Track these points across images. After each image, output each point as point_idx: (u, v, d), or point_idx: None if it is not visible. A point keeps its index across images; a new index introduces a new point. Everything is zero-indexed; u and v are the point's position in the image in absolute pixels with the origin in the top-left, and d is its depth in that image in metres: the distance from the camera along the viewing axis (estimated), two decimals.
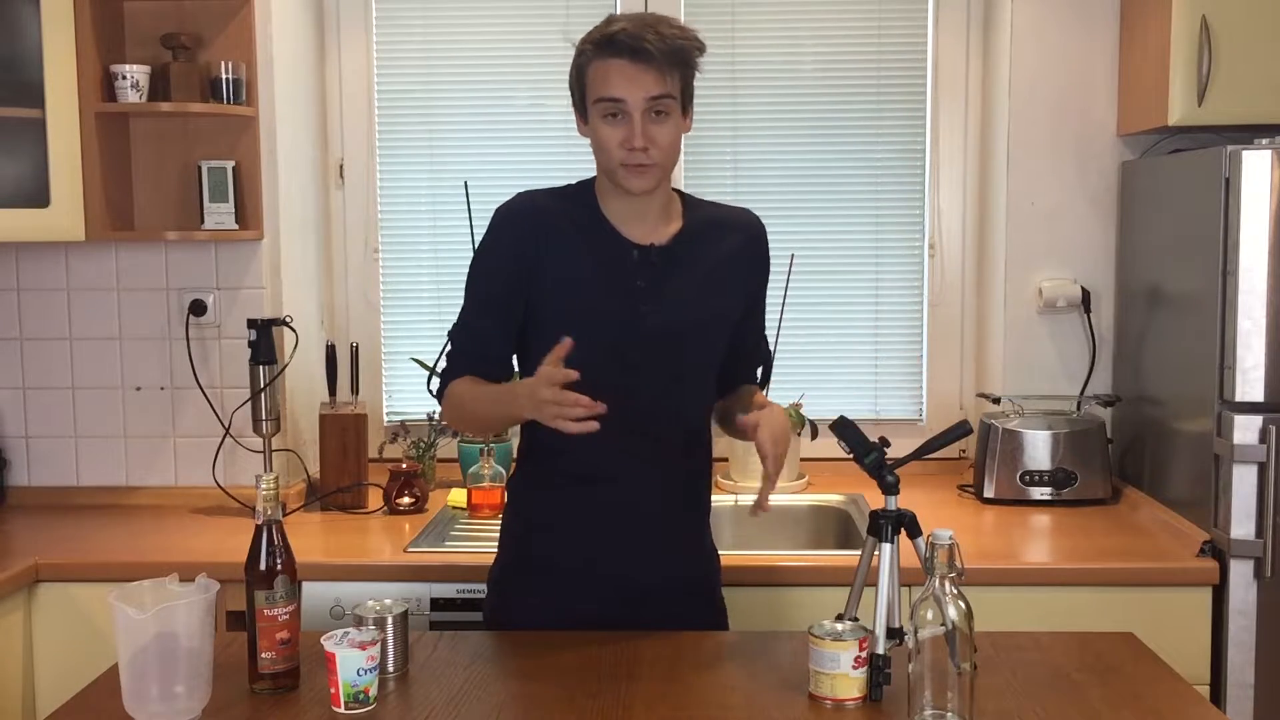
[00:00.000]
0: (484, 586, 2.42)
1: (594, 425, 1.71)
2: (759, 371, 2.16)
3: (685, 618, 1.99)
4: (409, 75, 3.25)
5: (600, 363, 1.89)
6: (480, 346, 2.00)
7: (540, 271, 1.93)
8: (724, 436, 2.15)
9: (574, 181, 2.04)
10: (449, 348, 2.06)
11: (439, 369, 2.06)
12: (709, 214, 2.04)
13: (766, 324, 2.16)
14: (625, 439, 1.91)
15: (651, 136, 1.84)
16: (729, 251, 2.00)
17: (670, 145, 1.87)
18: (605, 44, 1.84)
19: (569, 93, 1.95)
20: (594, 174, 2.01)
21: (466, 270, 2.08)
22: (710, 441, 2.10)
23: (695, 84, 1.92)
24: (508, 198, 2.01)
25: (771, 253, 2.09)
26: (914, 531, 1.76)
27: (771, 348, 2.23)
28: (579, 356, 1.89)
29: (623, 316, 1.92)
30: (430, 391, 2.08)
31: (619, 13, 1.91)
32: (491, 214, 2.00)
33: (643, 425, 1.93)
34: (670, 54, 1.83)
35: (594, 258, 1.94)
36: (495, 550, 2.55)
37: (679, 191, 2.05)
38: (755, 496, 1.88)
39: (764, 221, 2.08)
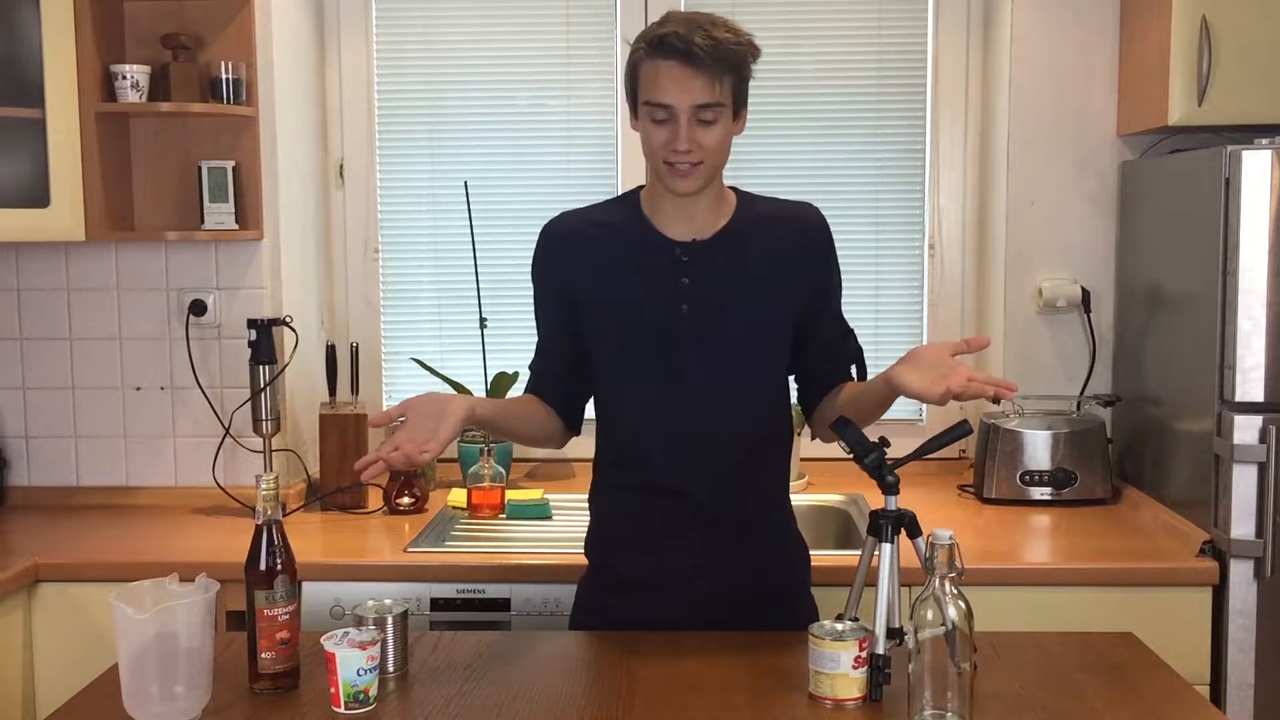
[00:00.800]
0: (484, 586, 2.44)
1: (377, 476, 1.79)
2: (854, 369, 2.08)
3: (770, 623, 1.95)
4: (409, 75, 3.25)
5: (651, 366, 1.91)
6: (539, 364, 2.06)
7: (581, 289, 1.95)
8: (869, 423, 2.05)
9: (622, 191, 2.08)
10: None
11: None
12: (762, 209, 2.00)
13: (848, 327, 2.07)
14: (686, 439, 1.91)
15: (697, 140, 1.83)
16: (779, 245, 1.96)
17: (716, 149, 1.86)
18: (657, 44, 1.82)
19: (623, 86, 1.94)
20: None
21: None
22: (788, 442, 2.06)
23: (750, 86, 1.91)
24: (551, 213, 2.05)
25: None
26: (914, 531, 1.76)
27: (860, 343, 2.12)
28: (631, 363, 1.89)
29: (667, 316, 1.91)
30: None
31: (671, 11, 1.89)
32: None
33: (702, 425, 1.91)
34: (720, 59, 1.80)
35: (636, 263, 1.94)
36: (495, 550, 2.56)
37: (736, 189, 2.02)
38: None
39: None
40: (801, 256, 1.97)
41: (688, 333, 1.91)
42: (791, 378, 2.06)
